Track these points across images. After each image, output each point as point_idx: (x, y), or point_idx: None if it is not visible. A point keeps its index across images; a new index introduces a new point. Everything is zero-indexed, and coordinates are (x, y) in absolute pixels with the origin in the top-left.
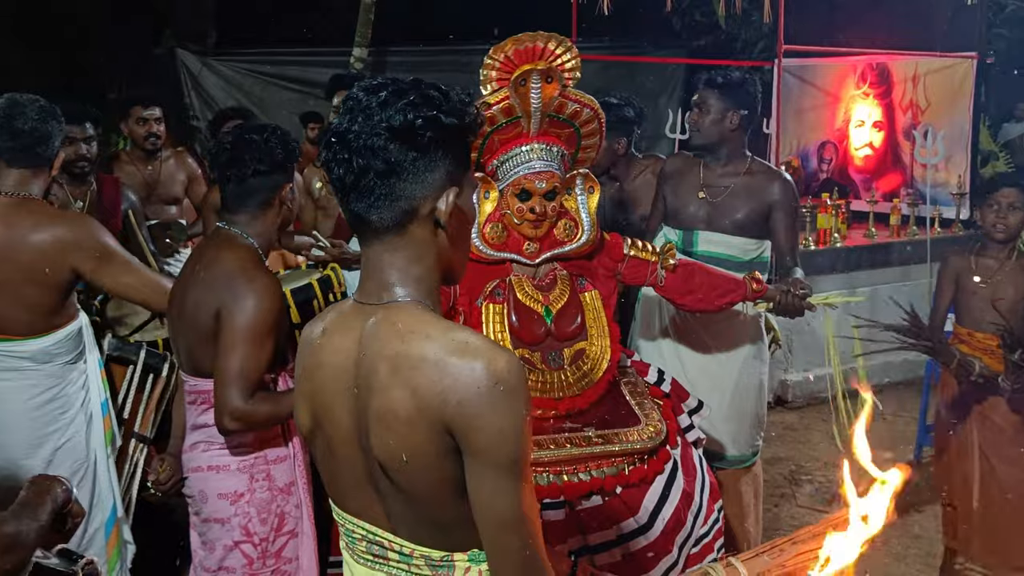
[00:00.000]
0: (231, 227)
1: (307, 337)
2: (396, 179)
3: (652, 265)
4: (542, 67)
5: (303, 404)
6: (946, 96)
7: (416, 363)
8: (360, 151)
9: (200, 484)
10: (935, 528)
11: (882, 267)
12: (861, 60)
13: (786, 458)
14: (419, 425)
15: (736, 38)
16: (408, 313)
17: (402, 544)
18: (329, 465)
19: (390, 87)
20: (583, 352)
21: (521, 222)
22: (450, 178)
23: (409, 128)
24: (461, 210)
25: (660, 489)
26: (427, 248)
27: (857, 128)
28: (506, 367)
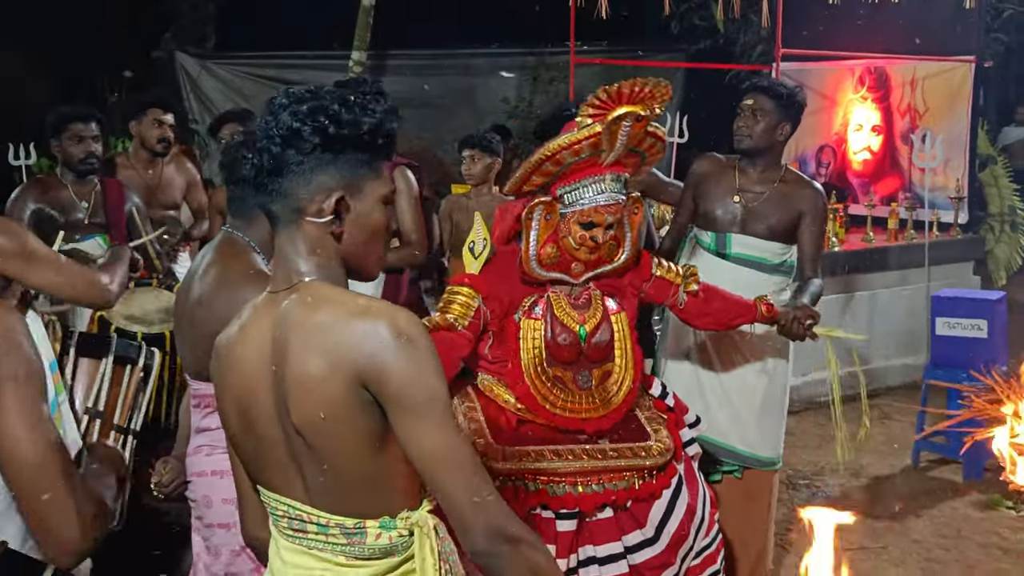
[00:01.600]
0: (233, 230)
1: (224, 336)
2: (283, 178)
3: (675, 287)
4: (642, 112)
5: (228, 398)
6: (944, 100)
7: (325, 328)
8: (260, 151)
9: (204, 489)
10: (932, 532)
11: (880, 271)
12: (859, 64)
13: (784, 462)
14: (332, 383)
15: (734, 42)
16: (316, 288)
17: (318, 515)
18: (256, 450)
19: (297, 95)
20: (609, 374)
21: (579, 248)
22: (340, 182)
23: (296, 134)
24: (359, 215)
25: (666, 503)
26: (319, 242)
27: (855, 132)
28: (405, 321)
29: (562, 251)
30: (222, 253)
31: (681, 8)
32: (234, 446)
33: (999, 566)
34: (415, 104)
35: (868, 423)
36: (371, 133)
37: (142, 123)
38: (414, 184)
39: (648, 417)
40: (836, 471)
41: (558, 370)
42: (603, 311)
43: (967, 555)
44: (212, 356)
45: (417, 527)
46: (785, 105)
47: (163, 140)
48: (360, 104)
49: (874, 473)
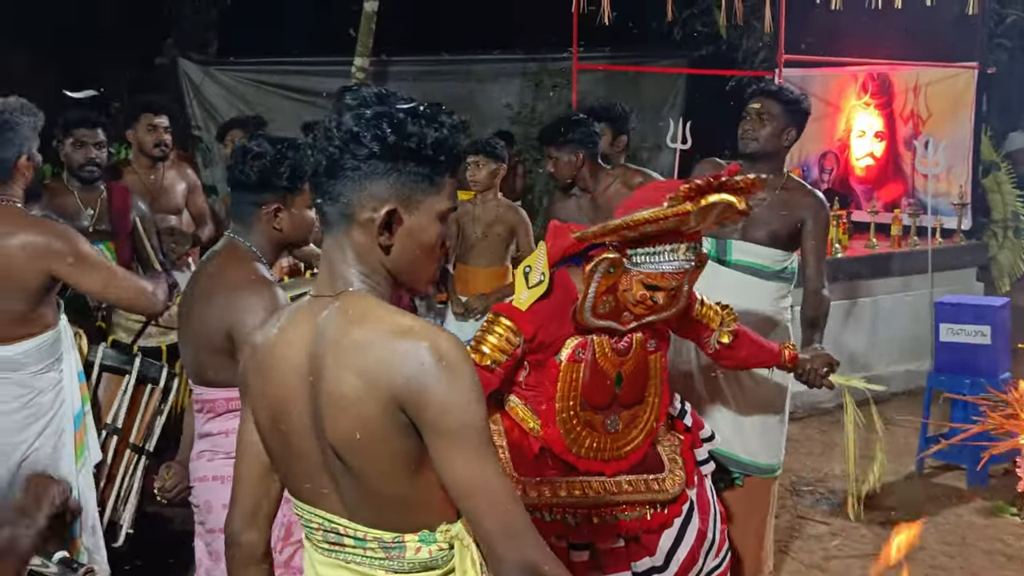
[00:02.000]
0: (235, 236)
1: (262, 336)
2: (336, 181)
3: (711, 331)
4: (737, 205)
5: (259, 403)
6: (947, 106)
7: (364, 345)
8: (321, 149)
9: (206, 494)
10: (936, 539)
11: (883, 277)
12: (862, 70)
13: (787, 469)
14: (369, 404)
15: (737, 48)
16: (358, 300)
17: (356, 528)
18: (286, 459)
19: (367, 98)
20: (636, 417)
21: (637, 304)
22: (394, 195)
23: (355, 138)
24: (410, 229)
25: (676, 531)
26: (368, 251)
27: (858, 138)
28: (447, 345)
29: (618, 303)
30: (225, 259)
31: (684, 14)
32: (267, 450)
33: (1003, 573)
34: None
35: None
36: (435, 147)
37: (137, 129)
38: None
39: (665, 447)
40: (839, 477)
41: (589, 414)
42: (643, 354)
43: (971, 562)
44: (248, 354)
45: (457, 540)
46: (792, 110)
47: (159, 144)
48: (428, 116)
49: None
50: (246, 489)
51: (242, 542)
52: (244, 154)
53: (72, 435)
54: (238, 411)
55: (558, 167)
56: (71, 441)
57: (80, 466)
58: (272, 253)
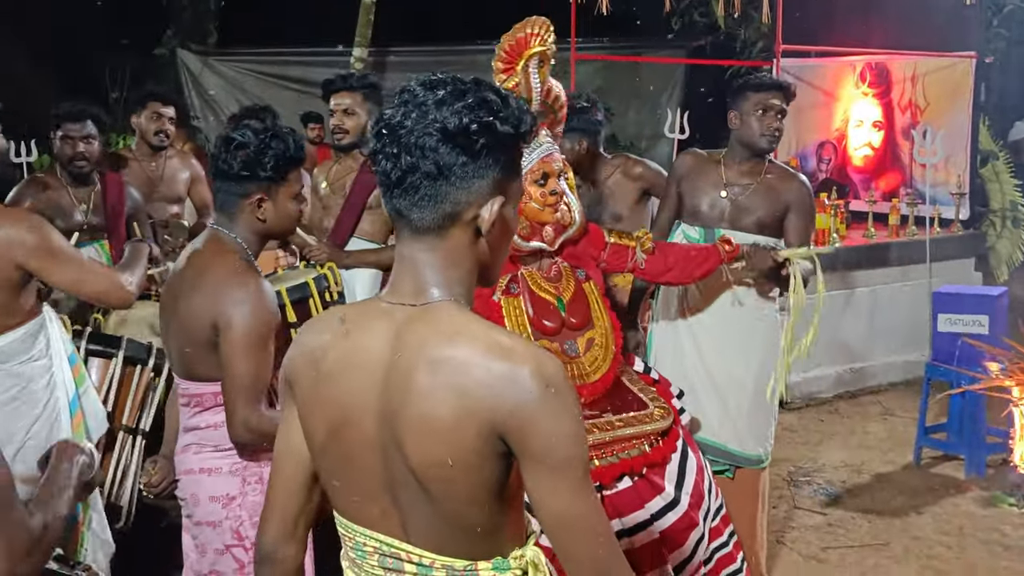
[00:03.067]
0: (219, 228)
1: (316, 339)
2: (443, 182)
3: (631, 250)
4: (540, 50)
5: (320, 410)
6: (945, 96)
7: (462, 367)
8: (410, 148)
9: (192, 487)
10: (934, 529)
11: (881, 267)
12: (860, 60)
13: (784, 459)
14: (467, 429)
15: (735, 38)
16: (449, 314)
17: (421, 554)
18: (344, 475)
19: (449, 85)
20: (593, 340)
21: (544, 208)
22: (497, 186)
23: (463, 132)
24: (505, 219)
25: (677, 465)
26: (465, 253)
27: (856, 128)
28: (554, 370)
29: (530, 220)
30: (208, 251)
31: (682, 4)
32: (316, 462)
33: (1001, 563)
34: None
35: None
36: (528, 131)
37: (141, 116)
38: None
39: (639, 388)
40: (837, 468)
41: (545, 343)
42: (575, 280)
43: (969, 552)
44: (298, 353)
45: (532, 565)
46: (790, 100)
47: (160, 132)
48: (513, 98)
49: (876, 470)
50: (287, 500)
51: (279, 558)
52: (227, 144)
53: (69, 420)
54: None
55: (569, 155)
56: (68, 426)
57: None
58: (256, 244)
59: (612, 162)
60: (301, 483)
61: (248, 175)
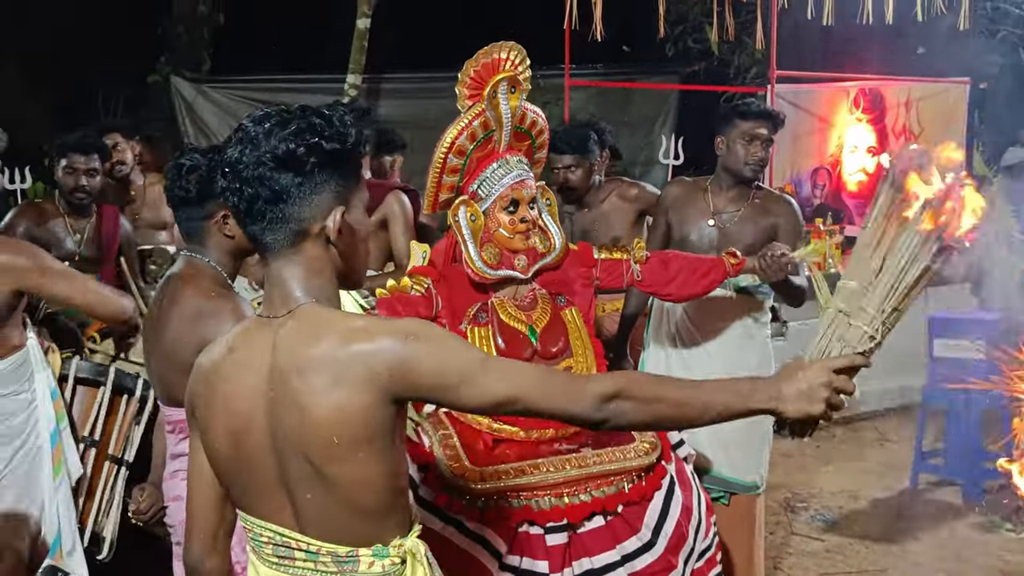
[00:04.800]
0: (192, 254)
1: (207, 360)
2: (284, 204)
3: (626, 263)
4: (509, 75)
5: (218, 423)
6: (939, 121)
7: (329, 360)
8: (249, 180)
9: (180, 514)
10: (932, 555)
11: None
12: (854, 85)
13: (781, 485)
14: (350, 412)
15: (729, 64)
16: (315, 313)
17: (309, 542)
18: (244, 476)
19: (275, 117)
20: (570, 370)
21: (513, 235)
22: (337, 197)
23: (292, 156)
24: (351, 225)
25: (660, 505)
26: (321, 262)
27: (850, 153)
28: (407, 323)
29: (500, 248)
30: (184, 277)
31: (675, 31)
32: (217, 470)
33: None
34: (410, 127)
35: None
36: (356, 142)
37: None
38: (409, 209)
39: None
40: (834, 494)
41: None
42: (552, 308)
43: None
44: (195, 379)
45: (410, 554)
46: (779, 125)
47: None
48: (337, 116)
49: (873, 496)
50: (204, 517)
51: (206, 570)
52: (178, 170)
53: (49, 453)
54: None
55: (573, 176)
56: (48, 459)
57: (58, 483)
58: (231, 264)
59: (607, 185)
60: (216, 502)
61: (205, 195)
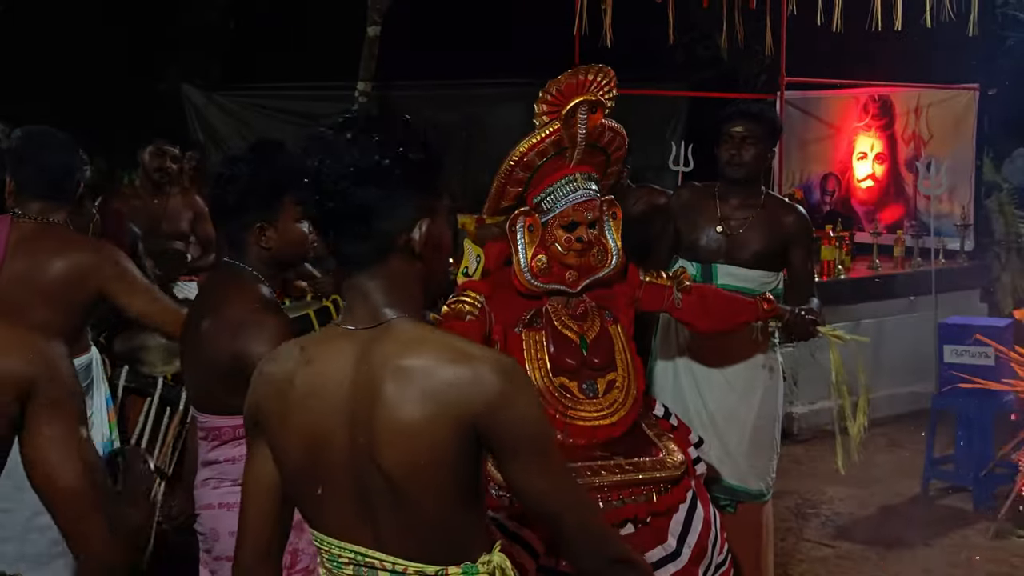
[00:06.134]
0: (232, 260)
1: (281, 370)
2: (367, 219)
3: (668, 289)
4: (592, 99)
5: (293, 437)
6: (948, 127)
7: (426, 372)
8: (330, 194)
9: (211, 522)
10: (943, 562)
11: (886, 298)
12: (863, 92)
13: (792, 492)
14: (438, 429)
15: (738, 71)
16: (407, 329)
17: (394, 562)
18: (317, 491)
19: (355, 125)
20: (614, 383)
21: (567, 252)
22: (421, 208)
23: (376, 169)
24: (435, 236)
25: (683, 517)
26: (407, 275)
27: (860, 160)
28: (511, 366)
29: (552, 260)
30: (228, 285)
31: (685, 38)
32: (289, 485)
33: None
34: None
35: (864, 423)
36: (439, 151)
37: (145, 153)
38: None
39: (656, 433)
40: (844, 500)
41: (563, 379)
42: (601, 322)
43: None
44: (262, 389)
45: (499, 569)
46: (771, 131)
47: (160, 170)
48: (420, 127)
49: (883, 502)
50: (259, 525)
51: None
52: (219, 180)
53: None
54: (243, 438)
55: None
56: None
57: None
58: (270, 273)
59: (637, 192)
60: (272, 512)
61: (245, 206)
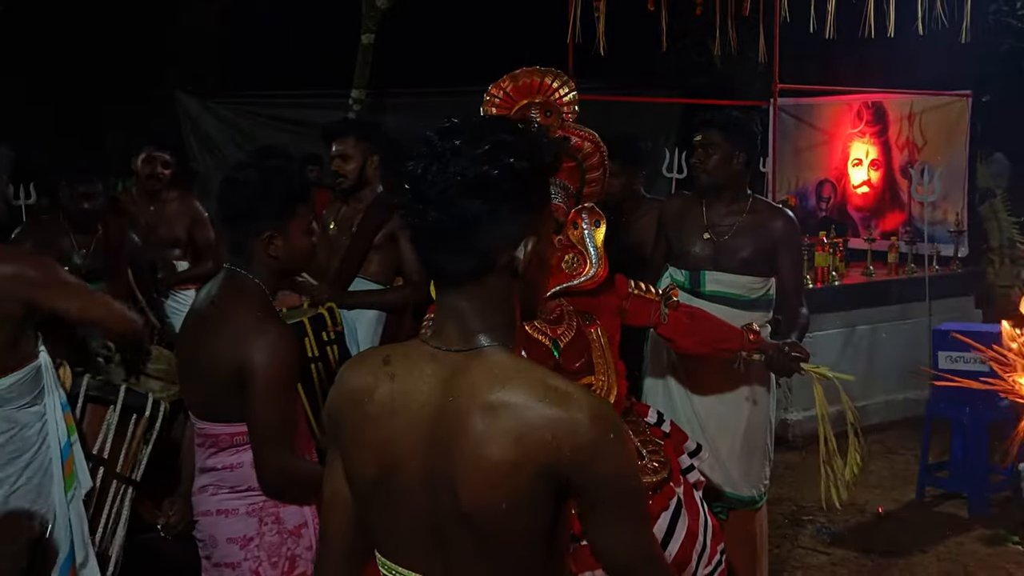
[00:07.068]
0: (235, 267)
1: (361, 381)
2: (472, 233)
3: (656, 304)
4: (539, 101)
5: (367, 452)
6: (942, 134)
7: (518, 411)
8: (434, 203)
9: (210, 529)
10: (939, 569)
11: (881, 305)
12: (856, 99)
13: (787, 498)
14: (523, 473)
15: (732, 78)
16: (500, 359)
17: None
18: (390, 517)
19: (464, 132)
20: (590, 387)
21: None
22: (527, 225)
23: (484, 180)
24: (540, 256)
25: (665, 526)
26: (506, 296)
27: (854, 167)
28: (608, 413)
29: None
30: (227, 293)
31: (678, 45)
32: (360, 504)
33: None
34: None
35: (859, 461)
36: (550, 164)
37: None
38: None
39: (642, 440)
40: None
41: None
42: (577, 325)
43: None
44: (342, 397)
45: None
46: (732, 134)
47: (152, 177)
48: (531, 134)
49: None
50: (342, 537)
51: None
52: (231, 185)
53: (60, 466)
54: (241, 445)
55: (615, 182)
56: (59, 472)
57: (71, 497)
58: (272, 282)
59: (648, 203)
60: (353, 524)
61: (255, 213)
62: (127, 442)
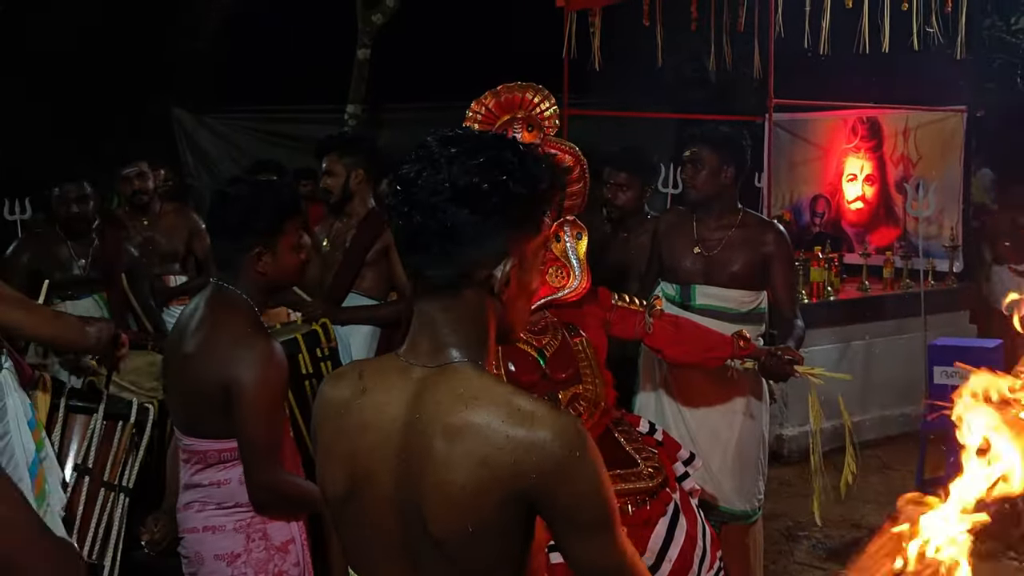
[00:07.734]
0: (222, 282)
1: (338, 395)
2: (452, 241)
3: (640, 315)
4: (522, 116)
5: (338, 466)
6: (937, 149)
7: (481, 434)
8: (420, 207)
9: (196, 545)
10: None
11: (876, 320)
12: (851, 114)
13: (782, 514)
14: (489, 497)
15: (727, 93)
16: (467, 378)
17: None
18: (361, 533)
19: (465, 142)
20: (578, 396)
21: None
22: (512, 246)
23: (473, 191)
24: (520, 280)
25: (664, 531)
26: (481, 312)
27: (849, 182)
28: (575, 432)
29: None
30: (215, 308)
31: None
32: (334, 518)
33: None
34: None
35: (854, 470)
36: (546, 189)
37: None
38: None
39: (635, 448)
40: (835, 522)
41: None
42: (563, 336)
43: None
44: (324, 410)
45: None
46: (719, 148)
47: (137, 192)
48: (531, 156)
49: (874, 523)
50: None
51: None
52: (222, 199)
53: (30, 484)
54: (228, 462)
55: (623, 195)
56: (30, 490)
57: (43, 513)
58: (260, 298)
59: (649, 222)
60: None
61: (245, 229)
62: (113, 449)
